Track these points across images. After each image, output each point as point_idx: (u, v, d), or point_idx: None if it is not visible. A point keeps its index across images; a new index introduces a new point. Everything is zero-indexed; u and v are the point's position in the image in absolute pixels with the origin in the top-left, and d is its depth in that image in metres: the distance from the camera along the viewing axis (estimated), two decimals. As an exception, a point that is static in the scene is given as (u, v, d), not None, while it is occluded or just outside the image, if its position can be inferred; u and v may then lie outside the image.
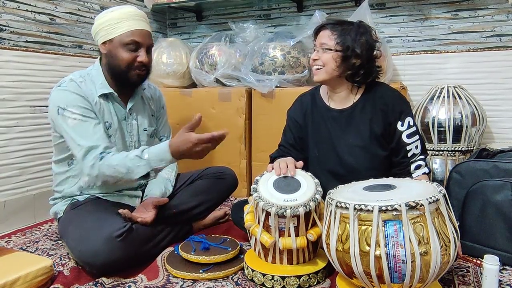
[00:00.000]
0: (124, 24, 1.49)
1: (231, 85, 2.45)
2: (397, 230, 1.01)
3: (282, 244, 1.26)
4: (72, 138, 1.45)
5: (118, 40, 1.50)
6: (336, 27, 1.47)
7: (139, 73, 1.55)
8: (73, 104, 1.46)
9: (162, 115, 1.81)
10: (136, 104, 1.66)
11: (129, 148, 1.64)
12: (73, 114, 1.46)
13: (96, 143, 1.44)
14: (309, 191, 1.30)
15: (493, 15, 2.30)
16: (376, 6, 2.52)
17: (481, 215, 1.47)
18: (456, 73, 2.38)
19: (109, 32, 1.50)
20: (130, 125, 1.64)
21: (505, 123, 2.32)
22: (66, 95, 1.48)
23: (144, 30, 1.54)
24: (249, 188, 2.38)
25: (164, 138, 1.81)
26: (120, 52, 1.51)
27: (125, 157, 1.42)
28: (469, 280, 1.31)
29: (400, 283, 1.03)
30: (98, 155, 1.43)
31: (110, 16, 1.50)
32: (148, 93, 1.75)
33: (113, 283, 1.32)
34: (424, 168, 1.47)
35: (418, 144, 1.48)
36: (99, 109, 1.53)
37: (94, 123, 1.48)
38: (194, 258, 1.38)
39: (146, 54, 1.54)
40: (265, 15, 2.82)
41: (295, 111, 1.65)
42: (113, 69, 1.54)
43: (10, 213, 1.93)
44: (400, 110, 1.49)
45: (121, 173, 1.41)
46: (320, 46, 1.48)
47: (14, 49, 1.95)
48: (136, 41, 1.50)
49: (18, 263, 1.29)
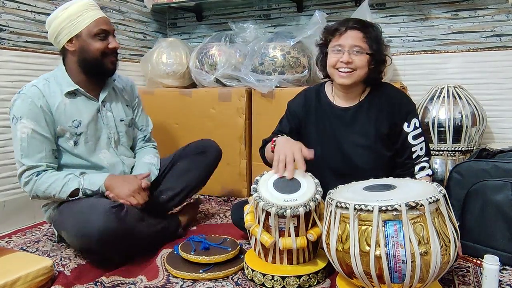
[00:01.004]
0: (85, 16, 1.50)
1: (231, 85, 2.45)
2: (397, 230, 1.01)
3: (282, 244, 1.26)
4: (17, 151, 1.49)
5: (86, 33, 1.51)
6: (366, 29, 1.42)
7: (112, 60, 1.58)
8: (27, 116, 1.47)
9: (138, 105, 1.82)
10: (108, 96, 1.66)
11: (109, 140, 1.65)
12: (24, 128, 1.47)
13: (37, 163, 1.48)
14: (309, 191, 1.30)
15: (493, 15, 2.30)
16: (376, 6, 2.52)
17: (481, 215, 1.47)
18: (456, 73, 2.38)
19: (73, 28, 1.50)
20: (105, 117, 1.64)
21: (505, 123, 2.32)
22: (23, 104, 1.48)
23: (105, 17, 1.56)
24: (249, 188, 2.38)
25: (143, 128, 1.84)
26: (91, 43, 1.52)
27: (63, 176, 1.49)
28: (469, 280, 1.31)
29: (400, 283, 1.03)
30: (35, 173, 1.48)
31: (68, 13, 1.50)
32: (119, 84, 1.75)
33: (112, 282, 1.32)
34: (428, 170, 1.47)
35: (423, 146, 1.48)
36: (63, 110, 1.53)
37: (42, 140, 1.49)
38: (194, 258, 1.38)
39: (114, 39, 1.57)
40: (265, 15, 2.82)
41: (297, 104, 1.63)
42: (87, 62, 1.54)
43: (10, 213, 1.93)
44: (406, 111, 1.49)
45: (55, 190, 1.47)
46: (351, 48, 1.41)
47: (14, 49, 1.95)
48: (103, 29, 1.53)
49: (18, 263, 1.29)
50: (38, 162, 1.48)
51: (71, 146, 1.56)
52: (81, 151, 1.57)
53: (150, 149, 1.83)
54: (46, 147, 1.50)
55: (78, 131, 1.56)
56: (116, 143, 1.68)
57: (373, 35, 1.43)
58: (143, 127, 1.84)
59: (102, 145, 1.63)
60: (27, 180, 1.48)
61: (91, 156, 1.59)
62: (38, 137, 1.48)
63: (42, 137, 1.49)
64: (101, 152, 1.63)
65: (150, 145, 1.85)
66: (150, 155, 1.77)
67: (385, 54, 1.49)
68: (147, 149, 1.82)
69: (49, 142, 1.51)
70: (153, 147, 1.86)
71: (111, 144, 1.66)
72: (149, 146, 1.84)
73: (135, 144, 1.83)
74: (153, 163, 1.74)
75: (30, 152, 1.47)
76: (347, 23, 1.43)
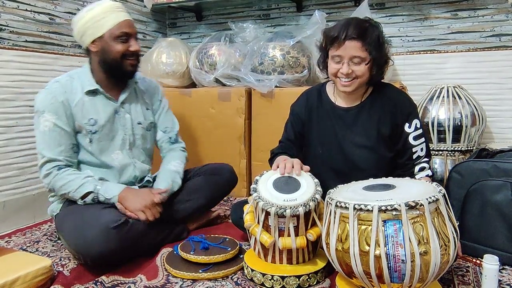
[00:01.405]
0: (109, 18, 1.52)
1: (230, 85, 2.44)
2: (396, 230, 1.01)
3: (281, 244, 1.26)
4: (39, 143, 1.53)
5: (109, 35, 1.53)
6: (364, 35, 1.38)
7: (131, 62, 1.59)
8: (49, 110, 1.51)
9: (160, 107, 1.81)
10: (128, 97, 1.67)
11: (124, 142, 1.65)
12: (47, 121, 1.51)
13: (57, 157, 1.51)
14: (309, 191, 1.30)
15: (492, 15, 2.30)
16: (375, 6, 2.52)
17: (481, 215, 1.47)
18: (456, 73, 2.38)
19: (96, 30, 1.52)
20: (123, 118, 1.65)
21: (504, 123, 2.32)
22: (46, 99, 1.52)
23: (129, 20, 1.57)
24: (248, 188, 2.38)
25: (168, 129, 1.82)
26: (113, 46, 1.53)
27: (82, 176, 1.52)
28: (468, 280, 1.31)
29: (399, 283, 1.03)
30: (56, 166, 1.51)
31: (92, 14, 1.51)
32: (142, 86, 1.75)
33: (112, 282, 1.32)
34: (428, 171, 1.48)
35: (423, 146, 1.48)
36: (81, 107, 1.56)
37: (62, 134, 1.53)
38: (194, 258, 1.38)
39: (136, 42, 1.58)
40: (264, 15, 2.82)
41: (299, 106, 1.63)
42: (108, 63, 1.56)
43: (10, 213, 1.93)
44: (408, 112, 1.49)
45: (71, 188, 1.50)
46: (351, 59, 1.40)
47: (14, 49, 1.95)
48: (126, 32, 1.54)
49: (17, 263, 1.29)
50: (57, 156, 1.51)
51: (87, 143, 1.58)
52: (94, 149, 1.59)
53: (178, 152, 1.81)
54: (66, 141, 1.54)
55: (93, 129, 1.58)
56: (131, 145, 1.68)
57: (372, 40, 1.39)
58: (168, 128, 1.82)
59: (116, 146, 1.64)
60: (48, 173, 1.51)
61: (102, 155, 1.61)
62: (58, 130, 1.52)
63: (62, 131, 1.53)
64: (114, 152, 1.63)
65: (179, 147, 1.83)
66: (177, 161, 1.75)
67: (387, 55, 1.47)
68: (175, 152, 1.80)
69: (68, 136, 1.54)
70: (182, 149, 1.84)
71: (126, 146, 1.66)
72: (177, 149, 1.82)
73: (160, 146, 1.83)
74: (178, 171, 1.73)
75: (50, 145, 1.51)
76: (345, 31, 1.38)
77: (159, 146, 1.83)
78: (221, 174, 1.82)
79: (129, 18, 1.58)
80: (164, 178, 1.67)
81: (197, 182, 1.77)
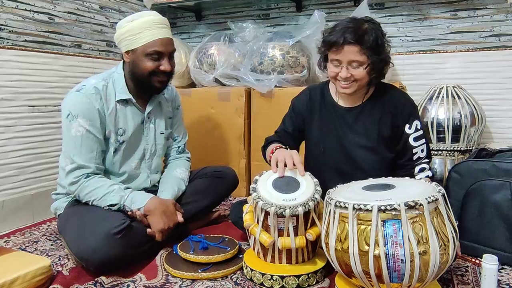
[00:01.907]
0: (145, 34, 1.49)
1: (230, 84, 2.44)
2: (396, 230, 1.01)
3: (281, 243, 1.26)
4: (68, 147, 1.49)
5: (141, 51, 1.50)
6: (362, 39, 1.36)
7: (161, 80, 1.56)
8: (84, 115, 1.48)
9: (177, 115, 1.81)
10: (154, 108, 1.67)
11: (144, 152, 1.65)
12: (80, 127, 1.48)
13: (87, 164, 1.49)
14: (308, 191, 1.30)
15: (492, 15, 2.30)
16: (375, 6, 2.52)
17: (480, 215, 1.48)
18: (455, 73, 2.38)
19: (131, 43, 1.50)
20: (147, 128, 1.65)
21: (504, 123, 2.32)
22: (82, 102, 1.48)
23: (165, 38, 1.54)
24: (248, 188, 2.38)
25: (178, 138, 1.82)
26: (143, 62, 1.51)
27: (108, 184, 1.49)
28: (468, 280, 1.32)
29: (399, 283, 1.03)
30: (85, 174, 1.48)
31: (130, 26, 1.49)
32: (166, 95, 1.75)
33: (112, 282, 1.32)
34: (428, 172, 1.47)
35: (424, 147, 1.48)
36: (114, 116, 1.55)
37: (95, 141, 1.50)
38: (193, 257, 1.38)
39: (169, 61, 1.55)
40: (264, 14, 2.82)
41: (301, 101, 1.63)
42: (136, 77, 1.55)
43: (8, 213, 1.93)
44: (409, 113, 1.49)
45: (96, 196, 1.47)
46: (349, 64, 1.40)
47: (13, 49, 1.95)
48: (158, 51, 1.51)
49: (17, 262, 1.29)
50: (88, 162, 1.49)
51: (111, 152, 1.57)
52: (116, 159, 1.58)
53: (183, 161, 1.81)
54: (98, 148, 1.51)
55: (121, 140, 1.57)
56: (152, 156, 1.69)
57: (370, 44, 1.37)
58: (179, 138, 1.82)
59: (136, 156, 1.64)
60: (76, 180, 1.48)
61: (123, 165, 1.61)
62: (91, 137, 1.49)
63: (95, 138, 1.50)
64: (134, 162, 1.63)
65: (184, 157, 1.83)
66: (182, 169, 1.75)
67: (387, 56, 1.46)
68: (180, 161, 1.80)
69: (100, 143, 1.52)
70: (187, 159, 1.84)
71: (146, 156, 1.66)
72: (182, 158, 1.82)
73: (168, 153, 1.82)
74: (184, 178, 1.73)
75: (82, 151, 1.48)
76: (343, 36, 1.37)
77: (166, 153, 1.83)
78: (225, 177, 1.82)
79: (167, 36, 1.54)
80: (170, 185, 1.66)
81: (200, 184, 1.77)
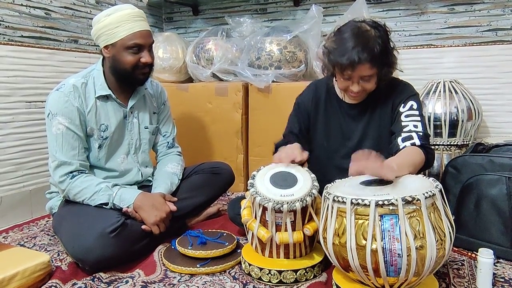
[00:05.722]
0: (123, 28, 1.48)
1: (227, 79, 2.44)
2: (393, 225, 1.02)
3: (279, 238, 1.27)
4: (51, 146, 1.50)
5: (121, 44, 1.50)
6: (372, 54, 1.33)
7: (143, 72, 1.56)
8: (63, 113, 1.49)
9: (163, 110, 1.80)
10: (137, 103, 1.66)
11: (129, 147, 1.65)
12: (59, 124, 1.48)
13: (70, 160, 1.49)
14: (306, 186, 1.30)
15: (489, 9, 2.30)
16: (372, 1, 2.51)
17: (476, 209, 1.49)
18: (452, 67, 2.39)
19: (109, 37, 1.50)
20: (131, 123, 1.65)
21: (500, 118, 2.33)
22: (60, 101, 1.49)
23: (144, 30, 1.53)
24: (245, 183, 2.38)
25: (167, 134, 1.81)
26: (123, 55, 1.51)
27: (95, 183, 1.49)
28: (463, 273, 1.33)
29: (395, 277, 1.04)
30: (69, 173, 1.49)
31: (108, 21, 1.48)
32: (151, 90, 1.74)
33: (110, 278, 1.33)
34: (415, 140, 1.34)
35: (418, 124, 1.40)
36: (95, 113, 1.55)
37: (75, 138, 1.50)
38: (191, 252, 1.39)
39: (149, 53, 1.54)
40: (261, 9, 2.81)
41: (306, 97, 1.62)
42: (118, 71, 1.55)
43: (7, 209, 1.93)
44: (407, 95, 1.48)
45: (85, 196, 1.48)
46: (361, 79, 1.39)
47: (9, 44, 1.94)
48: (138, 43, 1.50)
49: (16, 258, 1.29)
50: (71, 159, 1.49)
51: (96, 148, 1.57)
52: (102, 155, 1.59)
53: (174, 156, 1.80)
54: (79, 145, 1.52)
55: (104, 135, 1.57)
56: (137, 150, 1.68)
57: (379, 56, 1.35)
58: (167, 133, 1.82)
59: (121, 151, 1.64)
60: (62, 180, 1.48)
61: (108, 160, 1.61)
62: (71, 134, 1.50)
63: (75, 135, 1.51)
64: (120, 157, 1.63)
65: (174, 151, 1.82)
66: (173, 163, 1.75)
67: (394, 58, 1.45)
68: (171, 156, 1.80)
69: (81, 140, 1.53)
70: (177, 153, 1.83)
71: (131, 151, 1.66)
72: (173, 153, 1.81)
73: (157, 150, 1.82)
74: (175, 172, 1.72)
75: (64, 148, 1.49)
76: (355, 56, 1.32)
77: (155, 149, 1.82)
78: (221, 174, 1.82)
79: (145, 28, 1.53)
80: (162, 180, 1.66)
81: (196, 180, 1.77)
